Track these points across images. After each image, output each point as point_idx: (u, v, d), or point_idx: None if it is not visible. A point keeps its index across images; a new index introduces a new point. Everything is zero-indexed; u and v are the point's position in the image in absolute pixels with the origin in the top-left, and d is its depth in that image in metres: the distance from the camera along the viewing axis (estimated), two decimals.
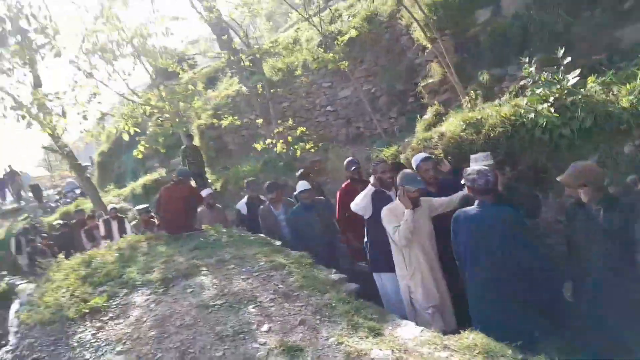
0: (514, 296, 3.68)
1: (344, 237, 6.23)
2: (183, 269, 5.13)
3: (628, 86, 4.33)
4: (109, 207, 10.11)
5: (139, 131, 9.21)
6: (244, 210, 7.29)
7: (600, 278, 3.51)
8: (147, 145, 9.46)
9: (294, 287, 4.55)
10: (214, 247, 5.86)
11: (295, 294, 4.42)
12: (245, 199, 7.44)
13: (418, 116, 7.71)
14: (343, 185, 6.20)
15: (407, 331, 3.71)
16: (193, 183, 9.18)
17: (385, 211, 4.58)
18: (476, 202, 3.87)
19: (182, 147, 11.03)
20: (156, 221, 7.90)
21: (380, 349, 3.41)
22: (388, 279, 4.98)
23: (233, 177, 11.19)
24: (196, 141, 14.00)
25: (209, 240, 6.22)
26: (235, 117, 10.35)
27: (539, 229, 4.69)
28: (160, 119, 9.94)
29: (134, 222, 9.88)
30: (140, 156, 9.44)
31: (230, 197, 10.69)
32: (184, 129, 10.33)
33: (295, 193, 6.47)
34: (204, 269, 5.15)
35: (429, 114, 7.31)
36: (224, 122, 10.17)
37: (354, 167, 6.16)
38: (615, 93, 4.44)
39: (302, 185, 6.14)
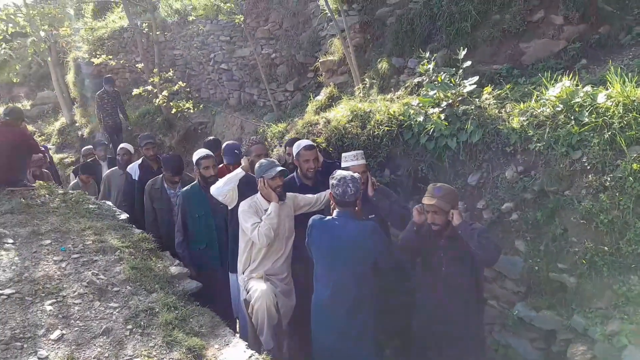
0: (358, 327, 3.21)
1: None
2: None
3: (522, 105, 3.98)
4: None
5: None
6: (135, 175, 5.58)
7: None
8: None
9: (116, 280, 3.74)
10: (35, 213, 4.77)
11: (115, 290, 3.63)
12: (140, 160, 5.75)
13: (312, 95, 7.03)
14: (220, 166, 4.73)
15: (234, 355, 3.10)
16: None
17: (243, 206, 3.83)
18: (335, 212, 3.31)
19: (98, 92, 9.14)
20: None
21: None
22: None
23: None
24: (71, 76, 12.29)
25: (33, 202, 5.08)
26: (110, 57, 8.89)
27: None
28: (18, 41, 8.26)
29: None
30: None
31: None
32: (48, 59, 8.68)
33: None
34: (9, 241, 4.11)
35: (322, 95, 6.65)
36: (96, 60, 8.69)
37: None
38: (508, 110, 4.08)
39: (202, 152, 4.52)
